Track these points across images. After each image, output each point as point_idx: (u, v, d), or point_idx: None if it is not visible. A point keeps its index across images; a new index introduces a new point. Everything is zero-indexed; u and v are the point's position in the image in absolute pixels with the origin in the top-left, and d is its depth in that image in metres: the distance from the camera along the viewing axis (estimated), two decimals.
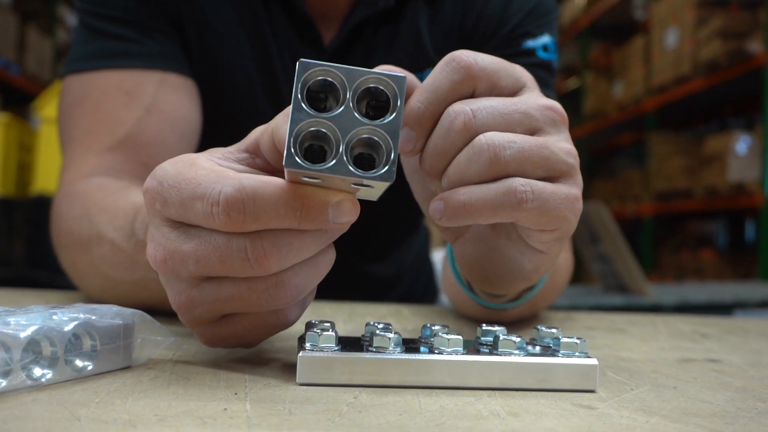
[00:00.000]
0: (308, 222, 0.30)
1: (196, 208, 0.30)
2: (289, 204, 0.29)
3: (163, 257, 0.32)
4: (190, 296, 0.33)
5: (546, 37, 0.66)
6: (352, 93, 0.29)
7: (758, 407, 0.32)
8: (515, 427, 0.27)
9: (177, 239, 0.32)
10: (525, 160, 0.34)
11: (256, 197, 0.29)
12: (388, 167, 0.29)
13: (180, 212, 0.31)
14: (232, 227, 0.30)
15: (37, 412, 0.26)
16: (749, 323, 0.65)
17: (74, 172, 0.59)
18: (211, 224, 0.30)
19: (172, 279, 0.33)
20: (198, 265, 0.31)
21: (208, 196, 0.30)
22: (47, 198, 0.70)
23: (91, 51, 0.62)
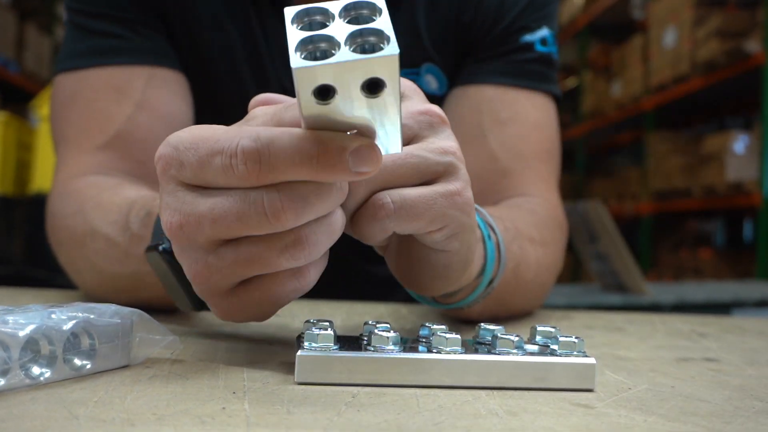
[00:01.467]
0: (327, 170, 0.29)
1: (215, 163, 0.30)
2: (306, 151, 0.29)
3: (179, 222, 0.31)
4: (207, 263, 0.32)
5: (544, 30, 0.66)
6: (340, 13, 0.29)
7: (756, 406, 0.32)
8: (513, 426, 0.27)
9: (193, 201, 0.31)
10: (390, 175, 0.34)
11: (272, 146, 0.29)
12: (390, 45, 0.28)
13: (197, 172, 0.31)
14: (250, 179, 0.30)
15: (35, 410, 0.26)
16: (747, 322, 0.65)
17: (68, 170, 0.59)
18: (230, 179, 0.30)
19: (188, 247, 0.33)
20: (215, 226, 0.31)
21: (227, 149, 0.30)
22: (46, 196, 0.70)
23: (80, 49, 0.62)
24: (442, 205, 0.34)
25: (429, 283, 0.40)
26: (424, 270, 0.39)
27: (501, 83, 0.65)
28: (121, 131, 0.60)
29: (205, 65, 0.65)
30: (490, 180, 0.63)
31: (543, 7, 0.67)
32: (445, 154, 0.35)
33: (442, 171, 0.35)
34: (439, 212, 0.34)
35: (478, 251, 0.42)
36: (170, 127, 0.62)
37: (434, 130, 0.36)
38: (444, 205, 0.34)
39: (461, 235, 0.37)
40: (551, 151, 0.67)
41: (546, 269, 0.58)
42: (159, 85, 0.61)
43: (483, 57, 0.66)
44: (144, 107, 0.60)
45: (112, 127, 0.60)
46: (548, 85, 0.67)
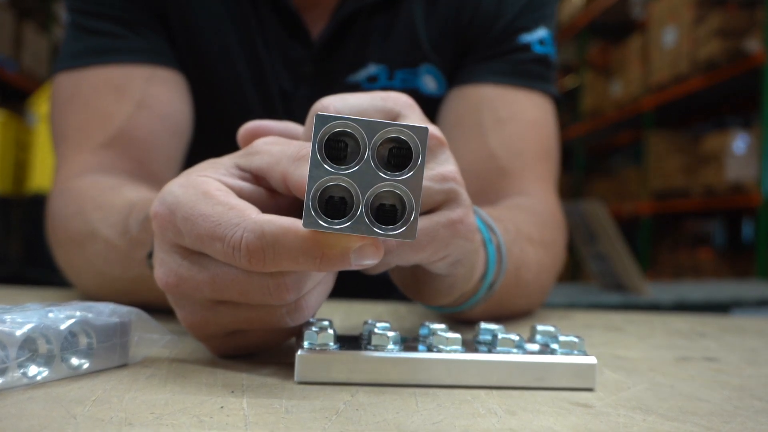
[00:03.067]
0: (328, 267, 0.30)
1: (215, 247, 0.30)
2: (309, 252, 0.29)
3: (176, 282, 0.32)
4: (204, 317, 0.33)
5: (542, 31, 0.66)
6: (372, 146, 0.28)
7: (755, 405, 0.32)
8: (512, 425, 0.27)
9: (191, 267, 0.32)
10: None
11: (277, 246, 0.29)
12: (409, 224, 0.28)
13: (196, 245, 0.31)
14: (253, 270, 0.30)
15: (32, 410, 0.26)
16: (746, 322, 0.65)
17: (68, 170, 0.59)
18: (230, 262, 0.30)
19: (184, 301, 0.33)
20: (214, 293, 0.32)
21: (229, 239, 0.30)
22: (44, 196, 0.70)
23: (79, 48, 0.62)
24: (444, 235, 0.34)
25: (432, 296, 0.40)
26: (427, 287, 0.40)
27: (500, 82, 0.65)
28: (121, 130, 0.59)
29: (204, 66, 0.65)
30: (489, 179, 0.63)
31: (541, 7, 0.66)
32: (445, 180, 0.34)
33: (442, 200, 0.34)
34: (442, 243, 0.34)
35: (480, 256, 0.42)
36: (170, 127, 0.62)
37: (433, 154, 0.35)
38: (447, 235, 0.34)
39: (465, 260, 0.37)
40: (550, 150, 0.67)
41: (546, 270, 0.57)
42: (159, 84, 0.61)
43: (481, 57, 0.66)
44: (144, 106, 0.60)
45: (112, 126, 0.60)
46: (546, 85, 0.67)
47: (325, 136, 0.28)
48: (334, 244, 0.29)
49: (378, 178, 0.28)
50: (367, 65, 0.65)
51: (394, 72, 0.65)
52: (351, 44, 0.65)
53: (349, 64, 0.65)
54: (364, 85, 0.65)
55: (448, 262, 0.36)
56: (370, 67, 0.65)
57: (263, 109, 0.66)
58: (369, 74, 0.65)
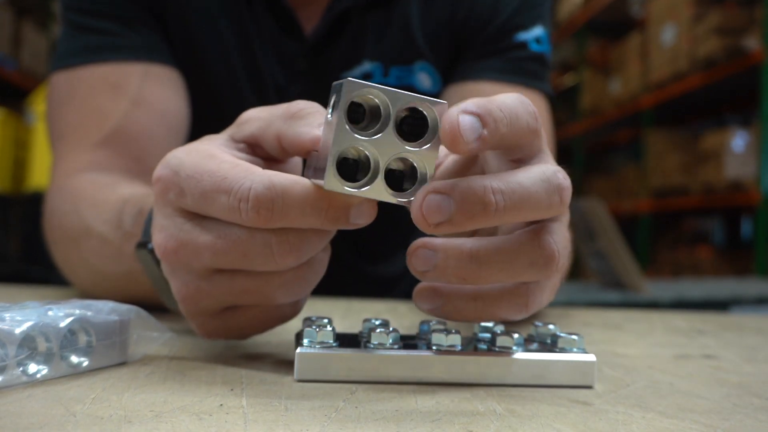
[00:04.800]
0: (330, 222, 0.30)
1: (219, 201, 0.30)
2: (316, 204, 0.29)
3: (175, 248, 0.31)
4: (199, 288, 0.32)
5: (538, 29, 0.66)
6: (394, 116, 0.29)
7: (754, 403, 0.32)
8: (511, 423, 0.27)
9: (192, 230, 0.31)
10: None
11: (286, 196, 0.29)
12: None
13: (199, 204, 0.31)
14: (258, 224, 0.30)
15: (32, 408, 0.26)
16: (745, 319, 0.65)
17: (65, 168, 0.59)
18: (234, 218, 0.30)
19: (180, 270, 0.33)
20: (215, 258, 0.31)
21: (236, 191, 0.29)
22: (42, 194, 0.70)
23: (75, 47, 0.62)
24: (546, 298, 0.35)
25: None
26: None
27: (497, 80, 0.65)
28: (118, 128, 0.59)
29: (199, 63, 0.65)
30: None
31: (537, 6, 0.66)
32: (560, 191, 0.31)
33: (549, 214, 0.31)
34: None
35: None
36: (167, 124, 0.62)
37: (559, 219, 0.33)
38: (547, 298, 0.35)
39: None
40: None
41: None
42: (155, 81, 0.61)
43: (477, 55, 0.66)
44: (140, 104, 0.60)
45: (109, 124, 0.59)
46: (542, 83, 0.67)
47: (349, 102, 0.28)
48: (339, 197, 0.30)
49: (398, 146, 0.29)
50: (362, 62, 0.65)
51: (389, 69, 0.65)
52: (345, 41, 0.65)
53: (343, 61, 0.65)
54: None
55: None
56: (365, 64, 0.65)
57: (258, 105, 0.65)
58: (364, 71, 0.65)
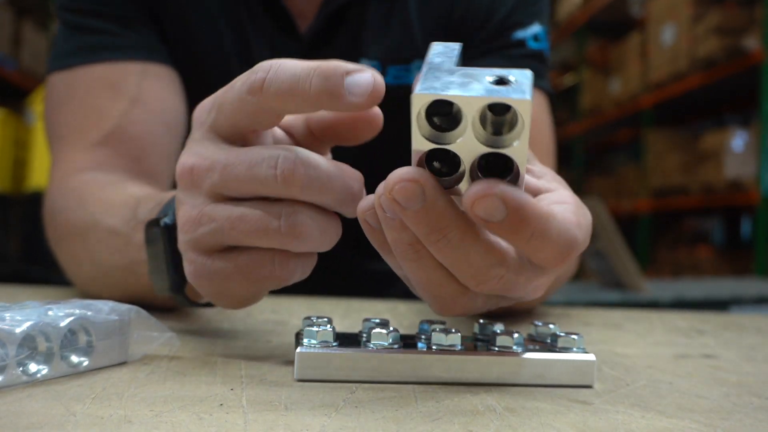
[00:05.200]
0: (320, 82, 0.30)
1: (235, 86, 0.32)
2: (307, 65, 0.30)
3: (192, 164, 0.33)
4: (202, 211, 0.33)
5: (536, 27, 0.66)
6: (472, 119, 0.27)
7: (754, 402, 0.32)
8: (511, 422, 0.27)
9: (215, 151, 0.32)
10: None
11: (282, 63, 0.31)
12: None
13: (220, 104, 0.32)
14: (255, 88, 0.31)
15: (32, 407, 0.26)
16: (745, 319, 0.65)
17: (64, 168, 0.59)
18: (242, 96, 0.31)
19: (190, 192, 0.33)
20: (223, 173, 0.32)
21: (248, 72, 0.31)
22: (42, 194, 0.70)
23: (72, 47, 0.62)
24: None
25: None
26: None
27: None
28: (117, 127, 0.59)
29: (197, 62, 0.65)
30: None
31: (535, 3, 0.66)
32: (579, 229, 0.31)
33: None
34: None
35: None
36: (165, 123, 0.62)
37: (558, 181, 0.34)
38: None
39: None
40: (548, 146, 0.67)
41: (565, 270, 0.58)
42: (152, 80, 0.61)
43: (475, 53, 0.66)
44: (138, 103, 0.60)
45: (107, 124, 0.59)
46: (542, 81, 0.67)
47: (418, 113, 0.27)
48: (330, 62, 0.30)
49: (481, 148, 0.28)
50: (359, 61, 0.65)
51: (386, 68, 0.65)
52: (342, 39, 0.65)
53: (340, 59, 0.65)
54: None
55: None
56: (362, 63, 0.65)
57: None
58: None
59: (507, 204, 0.27)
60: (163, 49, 0.63)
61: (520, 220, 0.27)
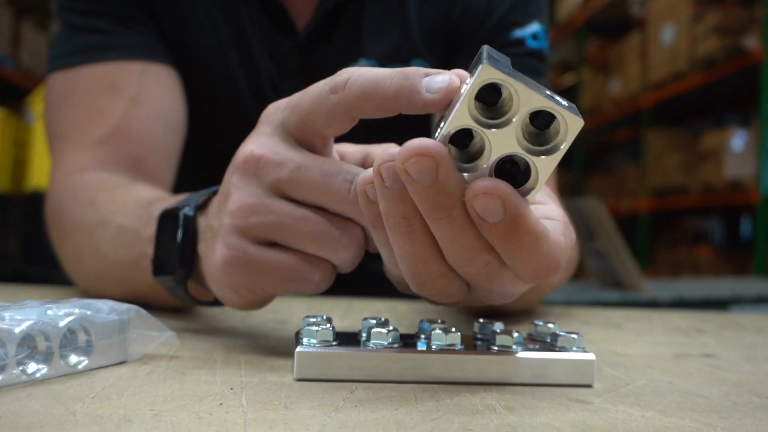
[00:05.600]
0: (401, 80, 0.30)
1: (314, 88, 0.32)
2: (388, 71, 0.31)
3: (261, 154, 0.33)
4: (262, 202, 0.33)
5: (535, 25, 0.66)
6: (521, 115, 0.27)
7: (753, 402, 0.32)
8: (511, 421, 0.27)
9: (287, 148, 0.33)
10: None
11: (363, 70, 0.32)
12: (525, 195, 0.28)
13: (297, 104, 0.33)
14: (337, 87, 0.31)
15: (32, 407, 0.26)
16: (745, 318, 0.65)
17: (66, 167, 0.59)
18: (324, 95, 0.32)
19: (250, 180, 0.33)
20: (295, 172, 0.32)
21: (328, 79, 0.32)
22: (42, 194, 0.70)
23: (72, 47, 0.62)
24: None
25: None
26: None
27: None
28: (118, 126, 0.59)
29: (196, 63, 0.65)
30: None
31: (532, 2, 0.66)
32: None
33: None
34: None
35: None
36: (165, 122, 0.62)
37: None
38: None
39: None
40: None
41: (572, 261, 0.59)
42: (153, 80, 0.61)
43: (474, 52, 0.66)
44: (139, 102, 0.60)
45: (108, 123, 0.59)
46: (541, 79, 0.67)
47: (479, 86, 0.27)
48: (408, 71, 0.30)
49: (514, 146, 0.27)
50: (358, 60, 0.65)
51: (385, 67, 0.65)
52: (340, 38, 0.65)
53: (339, 59, 0.65)
54: None
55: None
56: (361, 62, 0.65)
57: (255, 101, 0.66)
58: None
59: (507, 208, 0.27)
60: (163, 48, 0.64)
61: (514, 227, 0.27)
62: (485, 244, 0.29)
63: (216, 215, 0.36)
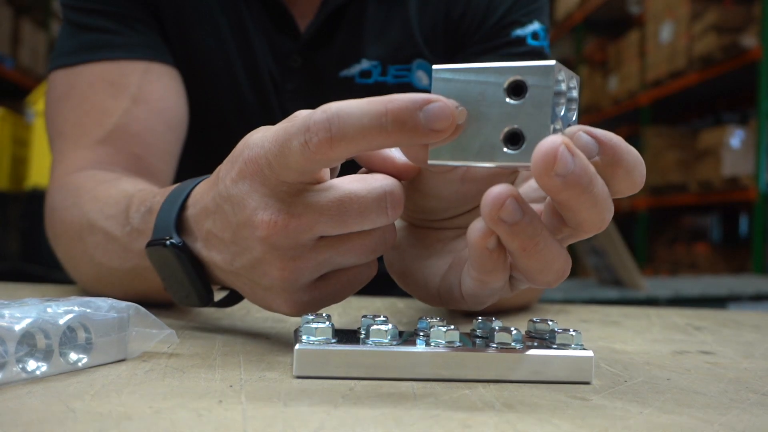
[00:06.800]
0: (398, 127, 0.29)
1: (293, 147, 0.31)
2: (373, 109, 0.29)
3: (286, 222, 0.32)
4: (305, 258, 0.34)
5: (535, 25, 0.66)
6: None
7: (751, 398, 0.32)
8: (509, 418, 0.27)
9: (300, 202, 0.33)
10: None
11: (341, 112, 0.30)
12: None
13: (282, 162, 0.31)
14: (324, 150, 0.30)
15: (31, 404, 0.26)
16: (742, 316, 0.65)
17: (65, 166, 0.59)
18: (308, 156, 0.30)
19: (286, 245, 0.33)
20: (331, 222, 0.32)
21: (301, 126, 0.30)
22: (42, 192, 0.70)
23: (74, 45, 0.62)
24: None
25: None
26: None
27: None
28: (118, 126, 0.59)
29: (197, 60, 0.65)
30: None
31: (533, 1, 0.66)
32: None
33: None
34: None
35: None
36: (166, 122, 0.62)
37: None
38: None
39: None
40: None
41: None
42: (154, 79, 0.61)
43: (475, 52, 0.66)
44: (140, 101, 0.60)
45: (109, 122, 0.59)
46: None
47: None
48: (399, 97, 0.29)
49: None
50: (360, 61, 0.65)
51: (387, 68, 0.65)
52: (342, 39, 0.65)
53: (340, 59, 0.65)
54: (357, 79, 0.65)
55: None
56: (363, 63, 0.65)
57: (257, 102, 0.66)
58: (362, 69, 0.65)
59: (596, 138, 0.29)
60: (164, 47, 0.64)
61: (612, 148, 0.29)
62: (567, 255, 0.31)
63: (250, 272, 0.36)
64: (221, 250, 0.36)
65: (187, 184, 0.40)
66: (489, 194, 0.28)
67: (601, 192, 0.29)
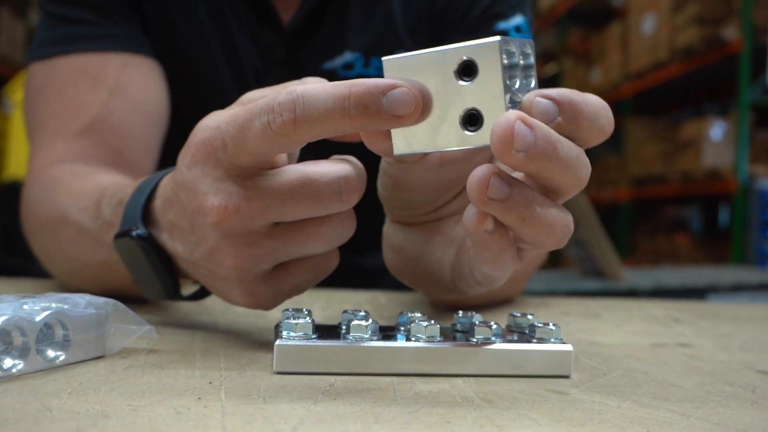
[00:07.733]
0: (360, 111, 0.29)
1: (255, 127, 0.30)
2: (337, 92, 0.29)
3: (236, 206, 0.32)
4: (260, 246, 0.33)
5: (518, 18, 0.66)
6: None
7: (726, 391, 0.32)
8: (488, 413, 0.27)
9: (252, 186, 0.32)
10: None
11: (306, 94, 0.29)
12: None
13: (240, 144, 0.31)
14: (288, 131, 0.30)
15: (7, 403, 0.26)
16: (721, 308, 0.66)
17: (43, 158, 0.59)
18: (270, 138, 0.30)
19: (238, 231, 0.33)
20: (284, 208, 0.32)
21: (264, 106, 0.30)
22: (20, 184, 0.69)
23: (52, 37, 0.61)
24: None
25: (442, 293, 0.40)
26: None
27: None
28: (97, 118, 0.59)
29: (179, 53, 0.64)
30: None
31: None
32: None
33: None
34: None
35: None
36: (145, 115, 0.61)
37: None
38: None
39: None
40: None
41: (537, 257, 0.59)
42: (133, 71, 0.61)
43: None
44: (119, 94, 0.59)
45: (87, 114, 0.59)
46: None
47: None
48: (363, 81, 0.29)
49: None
50: (343, 53, 0.65)
51: (369, 60, 0.65)
52: (325, 31, 0.65)
53: (323, 51, 0.65)
54: (340, 71, 0.65)
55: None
56: (346, 55, 0.65)
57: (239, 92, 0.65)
58: (345, 61, 0.65)
59: (553, 99, 0.29)
60: (145, 40, 0.63)
61: (570, 104, 0.29)
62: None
63: (206, 259, 0.35)
64: (183, 240, 0.36)
65: (157, 174, 0.40)
66: (472, 179, 0.28)
67: (568, 154, 0.29)
